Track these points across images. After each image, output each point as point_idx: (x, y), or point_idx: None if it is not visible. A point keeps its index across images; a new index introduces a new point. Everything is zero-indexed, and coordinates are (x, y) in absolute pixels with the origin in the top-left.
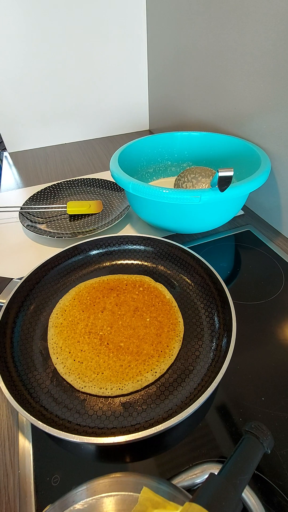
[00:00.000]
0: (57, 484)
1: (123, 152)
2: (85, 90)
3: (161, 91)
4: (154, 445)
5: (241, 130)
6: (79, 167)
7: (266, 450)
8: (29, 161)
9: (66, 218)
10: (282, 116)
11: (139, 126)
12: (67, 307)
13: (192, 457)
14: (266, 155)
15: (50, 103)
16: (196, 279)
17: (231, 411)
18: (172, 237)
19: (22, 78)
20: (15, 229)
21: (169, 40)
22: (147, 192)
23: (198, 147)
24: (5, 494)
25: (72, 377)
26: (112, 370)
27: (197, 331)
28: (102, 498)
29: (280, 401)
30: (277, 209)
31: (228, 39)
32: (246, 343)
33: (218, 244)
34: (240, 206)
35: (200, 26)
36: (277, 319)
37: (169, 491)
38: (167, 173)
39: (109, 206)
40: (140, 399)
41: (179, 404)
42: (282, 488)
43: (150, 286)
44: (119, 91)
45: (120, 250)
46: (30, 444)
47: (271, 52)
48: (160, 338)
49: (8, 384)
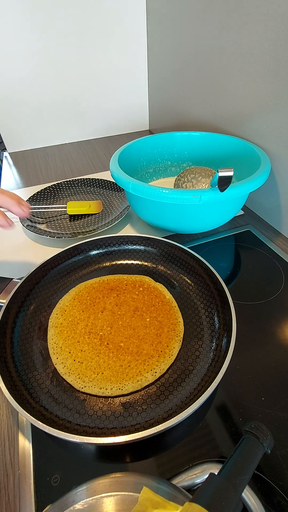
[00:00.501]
0: (57, 484)
1: (123, 152)
2: (85, 90)
3: (161, 91)
4: (154, 445)
5: (241, 130)
6: (79, 167)
7: (266, 450)
8: (29, 161)
9: (66, 218)
10: (282, 116)
11: (139, 126)
12: (67, 307)
13: (192, 457)
14: (266, 155)
15: (50, 103)
16: (196, 279)
17: (231, 411)
18: (172, 237)
19: (22, 78)
20: (15, 229)
21: (169, 40)
22: (147, 192)
23: (198, 147)
24: (5, 494)
25: (72, 377)
26: (112, 370)
27: (197, 331)
28: (102, 498)
29: (280, 401)
30: (277, 209)
31: (228, 39)
32: (246, 343)
33: (218, 244)
34: (240, 206)
35: (200, 26)
36: (277, 319)
37: (169, 491)
38: (167, 173)
39: (109, 206)
40: (140, 399)
41: (179, 404)
42: (282, 488)
43: (150, 286)
44: (119, 91)
45: (120, 250)
46: (30, 444)
47: (271, 52)
48: (160, 338)
49: (8, 384)
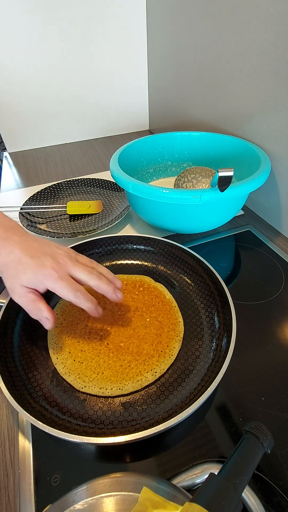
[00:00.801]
0: (57, 484)
1: (123, 152)
2: (85, 90)
3: (161, 91)
4: (154, 445)
5: (241, 130)
6: (79, 167)
7: (266, 450)
8: (29, 161)
9: (66, 218)
10: (282, 116)
11: (139, 126)
12: (67, 307)
13: (192, 457)
14: (266, 155)
15: (50, 103)
16: (196, 279)
17: (231, 411)
18: (172, 237)
19: (22, 78)
20: None
21: (169, 41)
22: (147, 192)
23: (198, 147)
24: (5, 494)
25: (72, 377)
26: (112, 370)
27: (197, 331)
28: (102, 498)
29: (280, 401)
30: (277, 209)
31: (228, 39)
32: (246, 343)
33: (218, 244)
34: (240, 206)
35: (200, 26)
36: (277, 319)
37: (169, 491)
38: (167, 173)
39: (109, 206)
40: (140, 399)
41: (179, 404)
42: (282, 488)
43: (150, 286)
44: (119, 91)
45: (120, 250)
46: (30, 444)
47: (271, 52)
48: (160, 338)
49: (8, 384)
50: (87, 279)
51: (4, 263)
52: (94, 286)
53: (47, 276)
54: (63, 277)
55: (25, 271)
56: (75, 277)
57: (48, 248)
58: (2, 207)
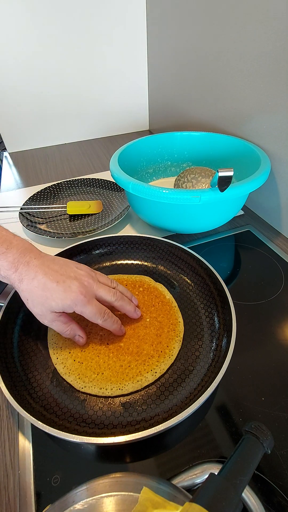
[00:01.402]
0: (57, 484)
1: (123, 152)
2: (85, 90)
3: (161, 91)
4: (154, 445)
5: (241, 130)
6: (79, 167)
7: (266, 450)
8: (29, 161)
9: (66, 218)
10: (282, 116)
11: (139, 126)
12: None
13: (192, 457)
14: (266, 155)
15: (50, 103)
16: (196, 279)
17: (231, 411)
18: (172, 237)
19: (22, 78)
20: (15, 229)
21: (169, 40)
22: (147, 192)
23: (198, 147)
24: (5, 494)
25: (72, 377)
26: (112, 370)
27: (197, 331)
28: (102, 498)
29: (280, 401)
30: (277, 209)
31: (228, 39)
32: (246, 343)
33: (218, 244)
34: (240, 206)
35: (200, 26)
36: (277, 319)
37: (169, 491)
38: (167, 173)
39: (109, 206)
40: (140, 399)
41: (179, 404)
42: (282, 488)
43: (150, 286)
44: (119, 91)
45: (120, 250)
46: (30, 444)
47: (271, 52)
48: (160, 338)
49: (8, 384)
50: (111, 301)
51: (28, 290)
52: (118, 307)
53: (76, 301)
54: (90, 301)
55: (53, 297)
56: (100, 298)
57: (70, 270)
58: (2, 207)
